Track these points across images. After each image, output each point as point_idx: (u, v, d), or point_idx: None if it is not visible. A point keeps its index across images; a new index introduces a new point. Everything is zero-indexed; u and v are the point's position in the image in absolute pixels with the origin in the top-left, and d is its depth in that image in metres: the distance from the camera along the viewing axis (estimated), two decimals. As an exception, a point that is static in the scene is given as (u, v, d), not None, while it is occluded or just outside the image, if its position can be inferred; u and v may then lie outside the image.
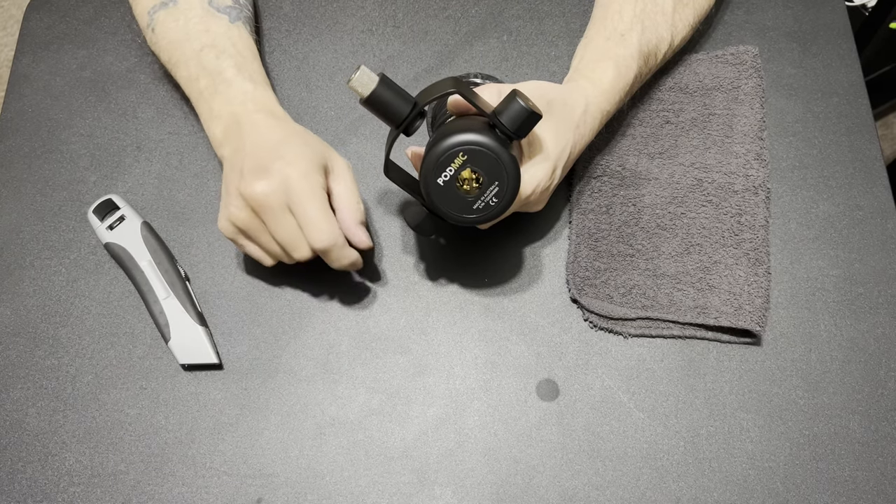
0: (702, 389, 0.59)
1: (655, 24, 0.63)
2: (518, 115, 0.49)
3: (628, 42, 0.61)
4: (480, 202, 0.52)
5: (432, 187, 0.52)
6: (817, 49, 0.71)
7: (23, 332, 0.62)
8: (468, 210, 0.53)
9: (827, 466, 0.56)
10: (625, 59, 0.61)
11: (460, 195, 0.52)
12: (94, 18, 0.75)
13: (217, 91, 0.59)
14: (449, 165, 0.51)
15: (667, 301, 0.61)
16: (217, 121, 0.59)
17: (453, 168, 0.51)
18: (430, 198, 0.52)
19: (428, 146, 0.52)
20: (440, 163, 0.51)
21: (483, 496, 0.56)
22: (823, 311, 0.61)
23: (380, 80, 0.51)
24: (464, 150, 0.50)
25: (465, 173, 0.51)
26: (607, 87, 0.60)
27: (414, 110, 0.52)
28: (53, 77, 0.72)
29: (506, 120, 0.50)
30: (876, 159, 0.67)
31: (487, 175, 0.51)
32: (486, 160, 0.50)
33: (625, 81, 0.61)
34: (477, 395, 0.59)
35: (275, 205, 0.53)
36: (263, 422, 0.59)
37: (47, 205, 0.67)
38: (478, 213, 0.53)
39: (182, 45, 0.62)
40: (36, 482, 0.57)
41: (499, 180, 0.51)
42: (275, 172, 0.53)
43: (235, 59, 0.61)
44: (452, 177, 0.51)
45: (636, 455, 0.57)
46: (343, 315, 0.62)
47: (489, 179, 0.51)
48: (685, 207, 0.63)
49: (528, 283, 0.63)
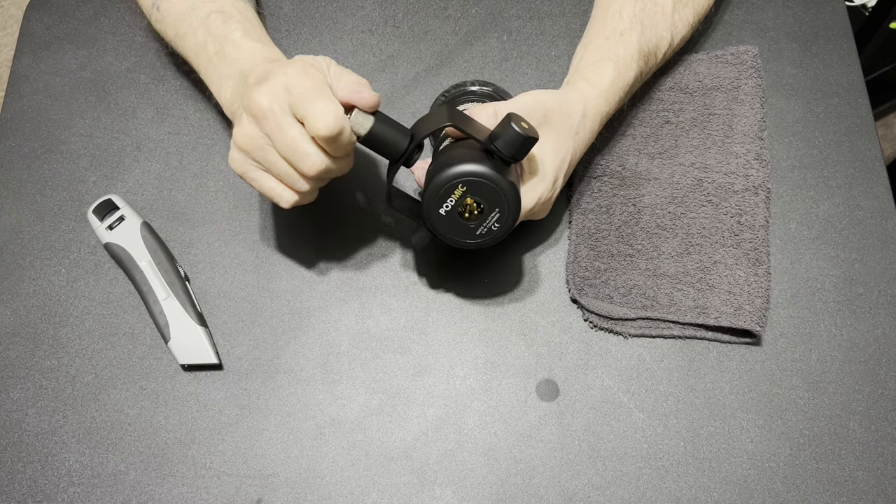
0: (702, 389, 0.59)
1: (655, 24, 0.63)
2: (514, 140, 0.50)
3: (628, 42, 0.61)
4: (483, 228, 0.53)
5: (435, 218, 0.52)
6: (817, 49, 0.71)
7: (23, 332, 0.62)
8: (471, 236, 0.53)
9: (827, 466, 0.56)
10: (624, 59, 0.61)
11: (462, 223, 0.53)
12: (94, 18, 0.75)
13: (226, 55, 0.59)
14: (449, 196, 0.51)
15: (667, 301, 0.61)
16: (227, 81, 0.58)
17: (454, 199, 0.51)
18: (434, 227, 0.53)
19: (427, 175, 0.53)
20: (441, 194, 0.51)
21: (483, 496, 0.56)
22: (823, 311, 0.61)
23: (375, 118, 0.52)
24: (463, 181, 0.51)
25: (468, 201, 0.52)
26: (607, 88, 0.60)
27: (412, 144, 0.53)
28: (53, 77, 0.72)
29: (502, 145, 0.50)
30: (876, 159, 0.67)
31: (488, 203, 0.51)
32: (485, 189, 0.51)
33: (625, 81, 0.61)
34: (477, 396, 0.59)
35: (277, 109, 0.50)
36: (263, 422, 0.59)
37: (47, 205, 0.67)
38: (481, 238, 0.53)
39: (188, 16, 0.62)
40: (36, 482, 0.57)
41: (499, 207, 0.52)
42: (273, 78, 0.51)
43: (242, 23, 0.61)
44: (454, 206, 0.52)
45: (636, 455, 0.57)
46: (343, 315, 0.62)
47: (490, 206, 0.52)
48: (685, 207, 0.63)
49: (528, 284, 0.63)
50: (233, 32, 0.59)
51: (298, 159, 0.51)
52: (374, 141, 0.52)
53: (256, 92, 0.51)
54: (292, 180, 0.53)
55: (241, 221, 0.66)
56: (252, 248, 0.65)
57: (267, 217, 0.66)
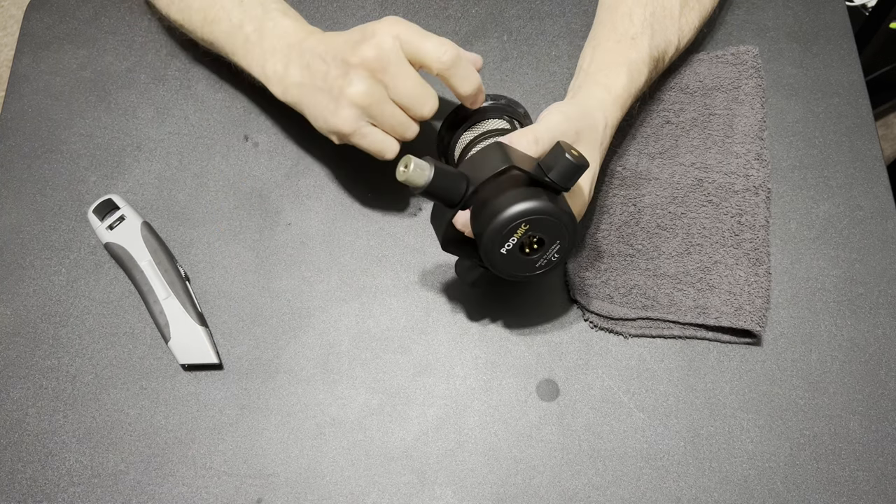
0: (702, 389, 0.59)
1: (664, 28, 0.63)
2: (568, 171, 0.49)
3: (639, 46, 0.61)
4: (543, 260, 0.52)
5: (496, 258, 0.51)
6: (817, 49, 0.71)
7: (23, 332, 0.62)
8: (531, 269, 0.53)
9: (827, 466, 0.56)
10: (636, 63, 0.60)
11: (523, 258, 0.52)
12: (94, 18, 0.75)
13: (265, 30, 0.60)
14: (512, 236, 0.50)
15: (667, 301, 0.61)
16: (272, 56, 0.59)
17: (516, 237, 0.50)
18: (496, 267, 0.52)
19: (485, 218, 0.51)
20: (503, 235, 0.50)
21: (483, 496, 0.56)
22: (823, 311, 0.61)
23: (434, 169, 0.49)
24: (526, 220, 0.50)
25: (527, 239, 0.51)
26: (621, 93, 0.59)
27: (469, 190, 0.51)
28: (53, 77, 0.72)
29: (555, 176, 0.49)
30: (876, 159, 0.67)
31: (549, 236, 0.51)
32: (547, 224, 0.50)
33: (636, 86, 0.61)
34: (477, 395, 0.59)
35: (392, 56, 0.53)
36: (263, 422, 0.59)
37: (47, 205, 0.67)
38: (541, 269, 0.53)
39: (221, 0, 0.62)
40: (36, 482, 0.57)
41: (560, 238, 0.51)
42: (379, 31, 0.54)
43: (278, 4, 0.62)
44: (515, 245, 0.51)
45: (636, 455, 0.57)
46: (343, 315, 0.62)
47: (550, 239, 0.51)
48: (685, 207, 0.63)
49: (527, 284, 0.63)
50: (271, 12, 0.61)
51: (419, 101, 0.55)
52: (433, 192, 0.50)
53: (367, 47, 0.53)
54: (404, 128, 0.56)
55: (241, 221, 0.66)
56: (252, 248, 0.65)
57: (267, 217, 0.66)
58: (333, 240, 0.65)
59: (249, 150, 0.69)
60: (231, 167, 0.68)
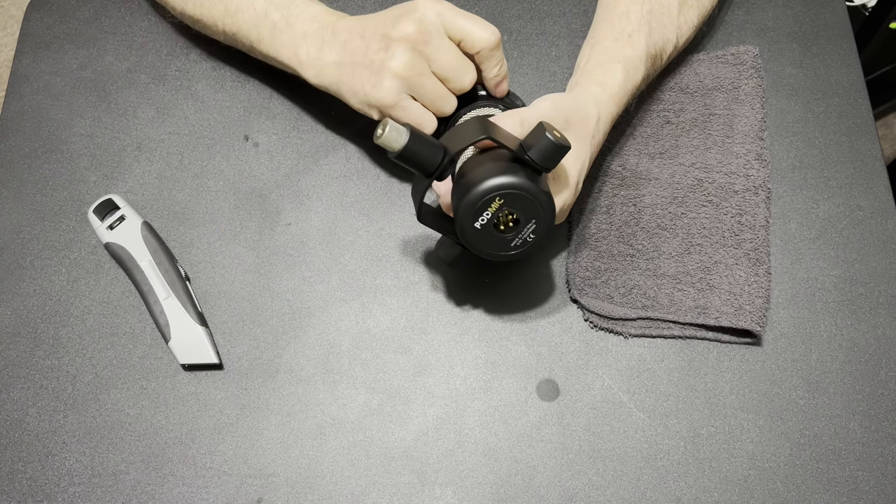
0: (702, 389, 0.59)
1: (662, 26, 0.63)
2: (548, 149, 0.49)
3: (636, 44, 0.61)
4: (518, 239, 0.52)
5: (470, 232, 0.51)
6: (817, 49, 0.71)
7: (23, 332, 0.62)
8: (506, 248, 0.53)
9: (827, 466, 0.56)
10: (633, 60, 0.61)
11: (498, 236, 0.52)
12: (94, 18, 0.75)
13: (293, 17, 0.61)
14: (486, 210, 0.50)
15: (667, 301, 0.61)
16: (305, 40, 0.60)
17: (490, 212, 0.50)
18: (469, 242, 0.52)
19: (460, 189, 0.51)
20: (477, 208, 0.50)
21: (483, 496, 0.56)
22: (823, 311, 0.61)
23: (410, 132, 0.50)
24: (500, 194, 0.49)
25: (502, 216, 0.51)
26: (617, 90, 0.59)
27: (445, 159, 0.51)
28: (53, 77, 0.72)
29: (535, 155, 0.49)
30: (876, 159, 0.67)
31: (524, 214, 0.51)
32: (522, 201, 0.50)
33: (633, 83, 0.61)
34: (477, 395, 0.59)
35: (434, 30, 0.55)
36: (263, 422, 0.59)
37: (47, 205, 0.67)
38: (516, 250, 0.53)
39: None
40: (36, 482, 0.57)
41: (535, 218, 0.51)
42: (421, 6, 0.55)
43: None
44: (489, 220, 0.51)
45: (636, 455, 0.57)
46: (343, 315, 0.62)
47: (526, 218, 0.51)
48: (685, 207, 0.63)
49: (528, 283, 0.63)
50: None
51: (460, 72, 0.56)
52: (408, 156, 0.50)
53: (408, 22, 0.55)
54: (443, 101, 0.57)
55: (241, 221, 0.66)
56: (252, 248, 0.65)
57: (267, 217, 0.66)
58: (333, 240, 0.65)
59: (249, 150, 0.69)
60: (231, 167, 0.68)
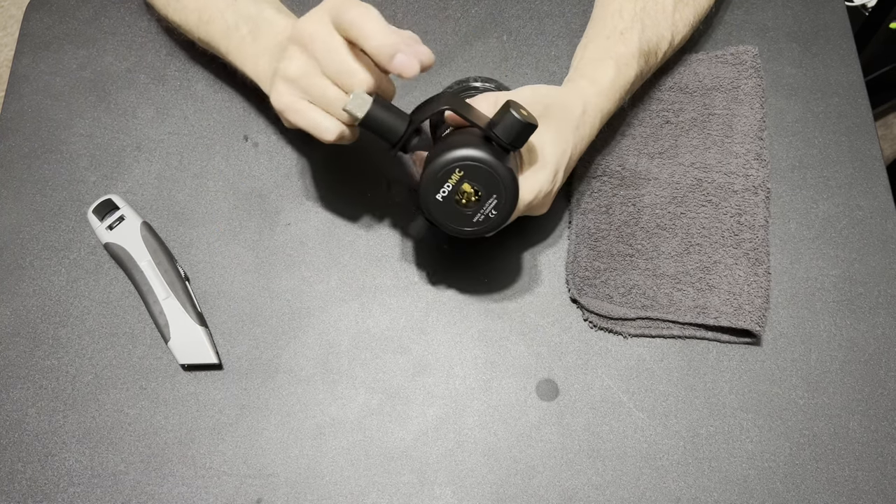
0: (702, 389, 0.59)
1: (656, 23, 0.63)
2: (513, 126, 0.50)
3: (628, 40, 0.61)
4: (480, 215, 0.53)
5: (431, 203, 0.52)
6: (817, 49, 0.71)
7: (23, 332, 0.62)
8: (468, 223, 0.53)
9: (827, 466, 0.56)
10: (625, 57, 0.61)
11: (459, 209, 0.52)
12: (94, 18, 0.75)
13: (260, 31, 0.60)
14: (447, 181, 0.51)
15: (667, 301, 0.61)
16: (263, 55, 0.59)
17: (451, 183, 0.51)
18: (431, 214, 0.53)
19: (426, 161, 0.53)
20: (438, 178, 0.51)
21: (483, 496, 0.56)
22: (823, 311, 0.61)
23: (374, 100, 0.51)
24: (460, 165, 0.50)
25: (465, 187, 0.51)
26: (607, 86, 0.60)
27: (409, 128, 0.52)
28: (53, 77, 0.72)
29: (501, 132, 0.50)
30: (876, 159, 0.67)
31: (485, 189, 0.51)
32: (483, 174, 0.51)
33: (625, 80, 0.61)
34: (477, 395, 0.59)
35: (323, 30, 0.51)
36: (263, 422, 0.59)
37: (47, 205, 0.67)
38: (478, 226, 0.53)
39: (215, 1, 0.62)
40: (36, 482, 0.57)
41: (496, 193, 0.51)
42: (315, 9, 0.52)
43: (271, 2, 0.62)
44: (451, 192, 0.51)
45: (636, 455, 0.57)
46: (343, 315, 0.62)
47: (487, 193, 0.51)
48: (685, 207, 0.63)
49: (527, 283, 0.63)
50: (264, 10, 0.60)
51: (349, 76, 0.51)
52: (371, 124, 0.52)
53: (301, 21, 0.52)
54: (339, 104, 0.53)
55: (241, 221, 0.66)
56: (252, 248, 0.65)
57: (267, 217, 0.66)
58: (333, 240, 0.65)
59: (249, 150, 0.69)
60: (231, 167, 0.68)
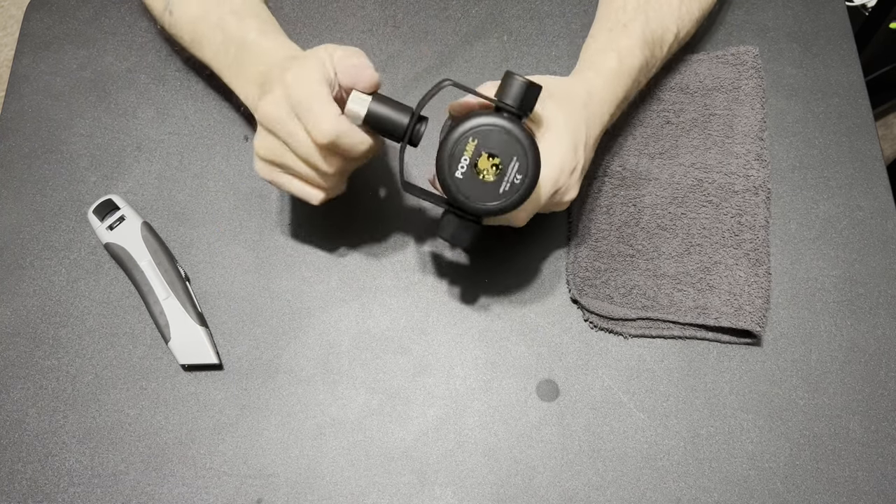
0: (702, 389, 0.59)
1: (661, 16, 0.63)
2: (518, 89, 0.48)
3: (631, 32, 0.61)
4: (505, 183, 0.50)
5: (452, 184, 0.50)
6: (817, 49, 0.71)
7: (23, 332, 0.62)
8: (495, 196, 0.50)
9: (827, 466, 0.56)
10: (628, 48, 0.60)
11: (482, 183, 0.50)
12: (94, 18, 0.75)
13: (245, 59, 0.59)
14: (463, 155, 0.49)
15: (667, 301, 0.61)
16: (251, 86, 0.58)
17: (468, 156, 0.49)
18: (453, 194, 0.50)
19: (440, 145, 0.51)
20: (453, 154, 0.49)
21: (483, 496, 0.56)
22: (823, 312, 0.61)
23: (372, 98, 0.51)
24: (473, 133, 0.49)
25: (483, 162, 0.49)
26: (610, 75, 0.59)
27: (414, 117, 0.51)
28: (53, 77, 0.72)
29: (508, 99, 0.49)
30: (876, 159, 0.67)
31: (504, 154, 0.49)
32: (497, 138, 0.49)
33: (629, 68, 0.60)
34: (477, 396, 0.59)
35: (283, 116, 0.51)
36: (263, 422, 0.59)
37: (47, 205, 0.67)
38: (506, 196, 0.50)
39: (203, 21, 0.62)
40: (36, 482, 0.57)
41: (517, 154, 0.49)
42: (274, 87, 0.52)
43: (257, 22, 0.61)
44: (469, 165, 0.49)
45: (636, 455, 0.57)
46: (343, 315, 0.62)
47: (507, 157, 0.49)
48: (685, 208, 0.63)
49: (528, 284, 0.63)
50: (248, 33, 0.59)
51: (316, 161, 0.52)
52: (374, 122, 0.51)
53: (263, 103, 0.52)
54: (316, 180, 0.54)
55: (241, 221, 0.66)
56: (252, 248, 0.65)
57: (267, 217, 0.66)
58: (333, 240, 0.65)
59: (249, 150, 0.69)
60: (231, 167, 0.68)
